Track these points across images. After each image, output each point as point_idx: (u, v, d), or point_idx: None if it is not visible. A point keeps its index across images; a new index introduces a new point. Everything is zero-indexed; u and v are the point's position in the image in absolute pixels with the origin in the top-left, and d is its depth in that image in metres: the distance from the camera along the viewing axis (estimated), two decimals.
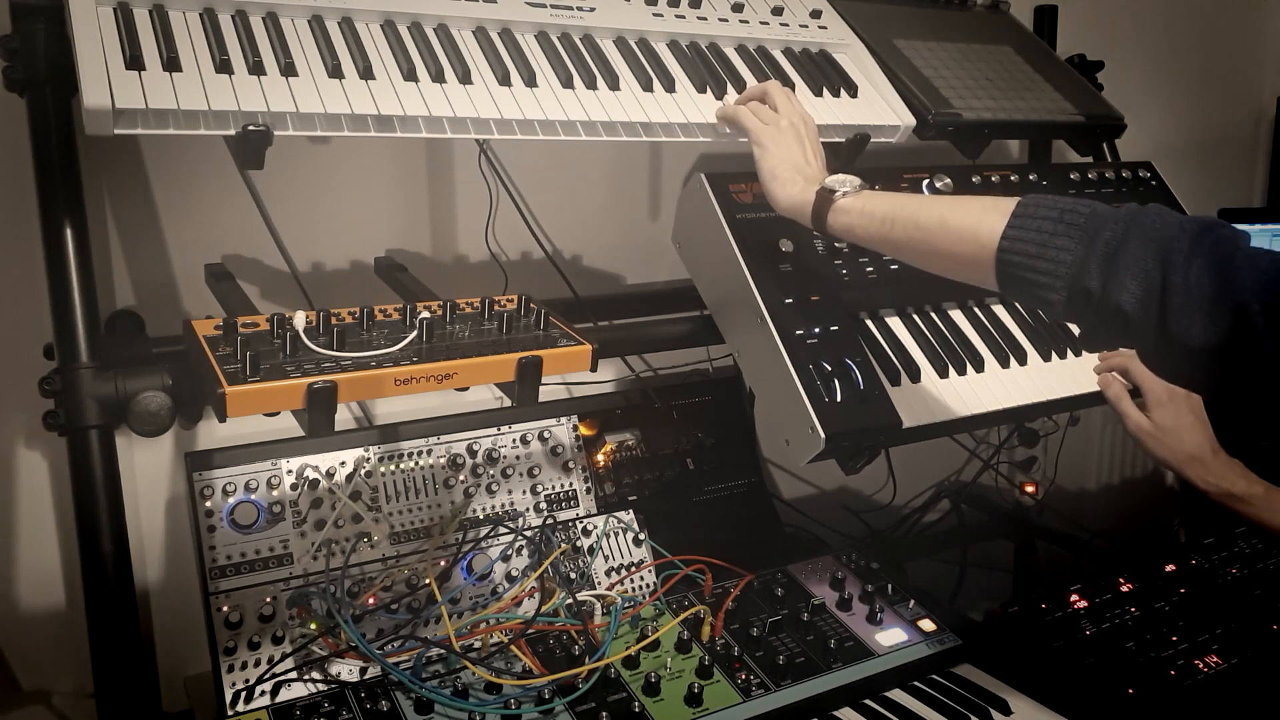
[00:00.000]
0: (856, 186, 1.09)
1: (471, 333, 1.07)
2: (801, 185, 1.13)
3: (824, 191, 1.10)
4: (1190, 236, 0.85)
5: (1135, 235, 0.87)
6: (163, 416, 1.03)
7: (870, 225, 1.07)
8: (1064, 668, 1.26)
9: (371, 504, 1.26)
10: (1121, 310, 0.86)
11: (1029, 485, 2.02)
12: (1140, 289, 0.86)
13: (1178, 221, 0.88)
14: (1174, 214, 0.89)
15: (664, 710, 1.11)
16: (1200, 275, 0.83)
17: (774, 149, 1.15)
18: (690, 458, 1.50)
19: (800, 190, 1.12)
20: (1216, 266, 0.83)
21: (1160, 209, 0.90)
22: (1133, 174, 1.63)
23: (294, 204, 1.39)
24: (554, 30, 1.22)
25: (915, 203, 1.05)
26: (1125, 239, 0.87)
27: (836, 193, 1.09)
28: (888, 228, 1.05)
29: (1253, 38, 2.48)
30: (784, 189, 1.14)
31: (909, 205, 1.04)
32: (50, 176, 1.06)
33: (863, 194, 1.08)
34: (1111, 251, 0.88)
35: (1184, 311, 0.83)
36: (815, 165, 1.16)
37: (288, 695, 1.10)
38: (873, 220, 1.06)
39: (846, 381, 1.15)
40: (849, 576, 1.38)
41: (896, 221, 1.04)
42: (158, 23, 0.99)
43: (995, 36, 1.63)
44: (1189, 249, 0.84)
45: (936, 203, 1.03)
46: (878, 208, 1.06)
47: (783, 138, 1.16)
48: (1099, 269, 0.88)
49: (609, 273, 1.66)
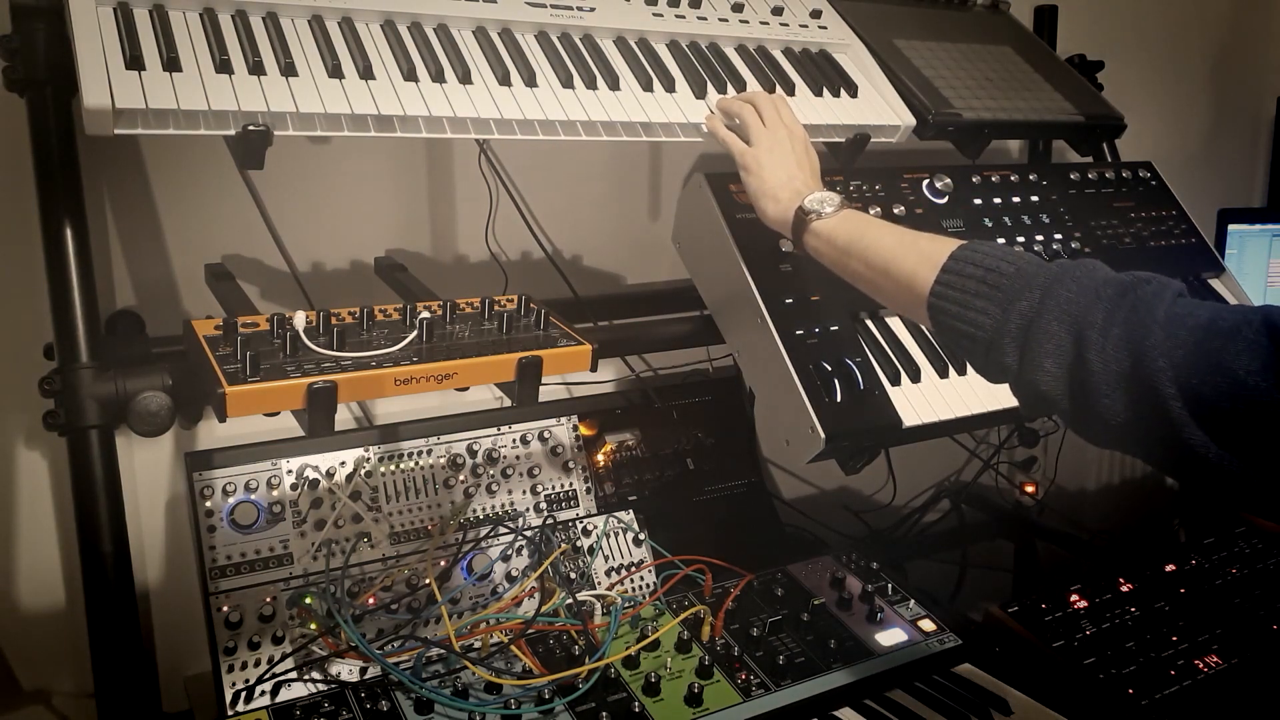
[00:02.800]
0: (836, 206, 1.08)
1: (471, 333, 1.07)
2: (786, 200, 1.11)
3: (800, 211, 1.09)
4: (1106, 306, 0.81)
5: (1050, 309, 0.84)
6: (163, 416, 1.03)
7: (832, 255, 1.07)
8: (1064, 668, 1.26)
9: (371, 504, 1.26)
10: (1038, 389, 0.84)
11: (1029, 485, 2.02)
12: (1056, 368, 0.83)
13: (1095, 287, 0.83)
14: (1095, 273, 0.85)
15: (664, 710, 1.11)
16: (1117, 350, 0.79)
17: (757, 170, 1.14)
18: (690, 458, 1.50)
19: (784, 206, 1.11)
20: (1131, 343, 0.78)
21: (1083, 267, 0.86)
22: (1133, 174, 1.63)
23: (294, 204, 1.39)
24: (554, 30, 1.22)
25: (871, 236, 1.03)
26: (1040, 312, 0.84)
27: (811, 214, 1.08)
28: (845, 260, 1.05)
29: (1253, 38, 2.48)
30: (771, 205, 1.13)
31: (865, 239, 1.03)
32: (50, 176, 1.06)
33: (836, 217, 1.07)
34: (1026, 325, 0.85)
35: (1103, 390, 0.79)
36: (802, 176, 1.14)
37: (288, 695, 1.10)
38: (834, 250, 1.06)
39: (846, 381, 1.15)
40: (849, 576, 1.38)
41: (851, 256, 1.04)
42: (158, 23, 0.99)
43: (995, 36, 1.63)
44: (1104, 321, 0.80)
45: (885, 241, 1.01)
46: (840, 238, 1.05)
47: (770, 157, 1.14)
48: (1014, 345, 0.86)
49: (609, 273, 1.66)
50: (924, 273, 0.95)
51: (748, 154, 1.16)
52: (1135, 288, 0.82)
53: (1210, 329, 0.75)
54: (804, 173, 1.14)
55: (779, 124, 1.17)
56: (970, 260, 0.92)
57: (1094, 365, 0.80)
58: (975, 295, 0.89)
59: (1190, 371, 0.74)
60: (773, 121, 1.17)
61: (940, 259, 0.94)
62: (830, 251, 1.07)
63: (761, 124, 1.17)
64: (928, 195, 1.42)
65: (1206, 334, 0.75)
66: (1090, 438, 0.85)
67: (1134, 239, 1.53)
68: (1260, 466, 0.74)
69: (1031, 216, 1.47)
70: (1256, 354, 0.72)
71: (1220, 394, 0.73)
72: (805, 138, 1.18)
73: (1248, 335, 0.73)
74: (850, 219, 1.07)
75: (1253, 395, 0.71)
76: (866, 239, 1.03)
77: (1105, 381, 0.79)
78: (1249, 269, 2.12)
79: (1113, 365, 0.79)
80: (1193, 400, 0.74)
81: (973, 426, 1.38)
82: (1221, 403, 0.73)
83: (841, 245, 1.05)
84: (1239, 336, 0.73)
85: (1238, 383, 0.72)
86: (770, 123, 1.17)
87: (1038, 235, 1.45)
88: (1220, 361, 0.73)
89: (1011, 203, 1.48)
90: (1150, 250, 1.54)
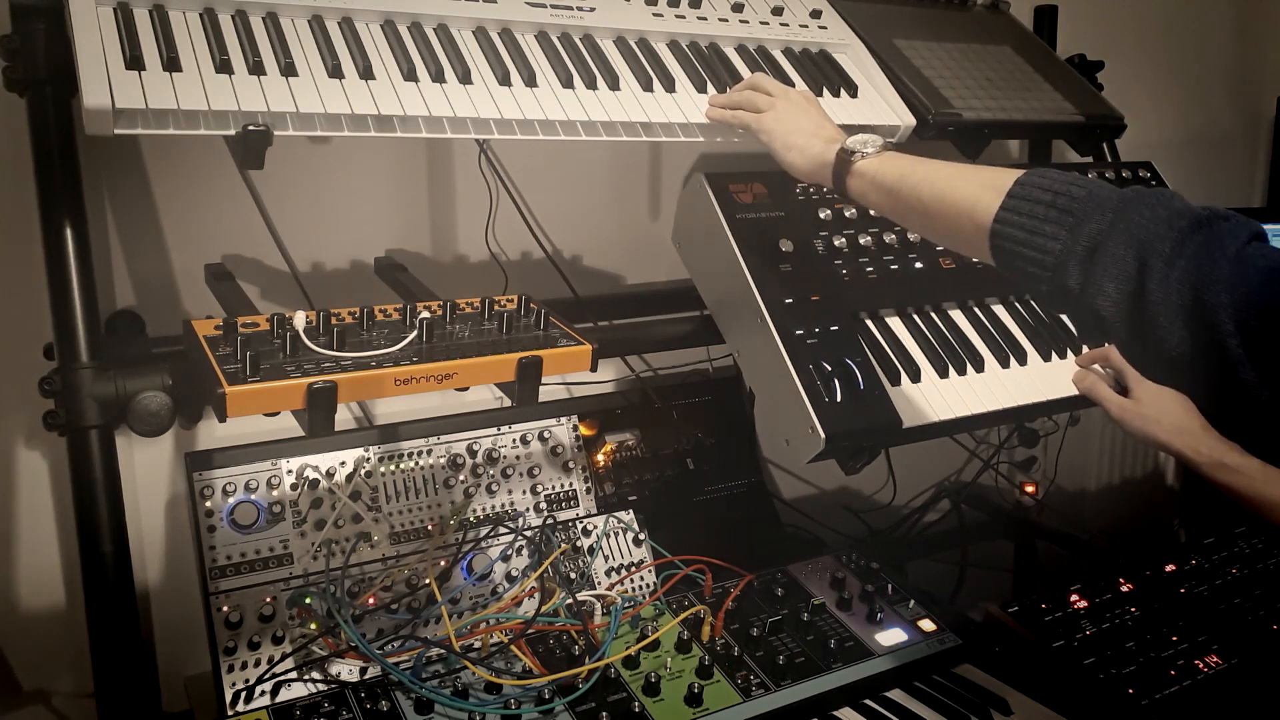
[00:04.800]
0: (878, 146, 1.05)
1: (471, 333, 1.07)
2: (821, 146, 1.09)
3: (843, 152, 1.06)
4: (1176, 237, 0.78)
5: (1119, 231, 0.81)
6: (163, 416, 1.03)
7: (878, 194, 1.03)
8: (1064, 668, 1.26)
9: (371, 504, 1.26)
10: (1098, 313, 0.82)
11: (1029, 485, 2.02)
12: (1117, 292, 0.80)
13: (1169, 217, 0.80)
14: (1172, 204, 0.82)
15: (664, 710, 1.11)
16: (1180, 284, 0.77)
17: (780, 126, 1.12)
18: (690, 458, 1.50)
19: (820, 150, 1.08)
20: (1197, 276, 0.76)
21: (1160, 197, 0.83)
22: (1133, 174, 1.63)
23: (294, 204, 1.39)
24: (554, 30, 1.22)
25: (923, 171, 1.00)
26: (1109, 234, 0.81)
27: (855, 154, 1.05)
28: (894, 198, 1.02)
29: (1253, 38, 2.48)
30: (802, 153, 1.10)
31: (916, 174, 1.00)
32: (50, 176, 1.06)
33: (880, 157, 1.04)
34: (1094, 247, 0.82)
35: (1160, 322, 0.77)
36: (830, 128, 1.12)
37: (288, 695, 1.10)
38: (881, 188, 1.03)
39: (846, 381, 1.15)
40: (849, 576, 1.38)
41: (902, 192, 1.00)
42: (158, 23, 0.99)
43: (995, 36, 1.63)
44: (1171, 252, 0.78)
45: (941, 173, 0.98)
46: (888, 175, 1.02)
47: (787, 114, 1.13)
48: (1078, 266, 0.83)
49: (609, 273, 1.66)
50: (987, 199, 0.91)
51: (764, 118, 1.14)
52: (1210, 223, 0.79)
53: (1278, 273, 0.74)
54: (829, 124, 1.13)
55: (785, 90, 1.17)
56: (1038, 185, 0.88)
57: (1154, 295, 0.77)
58: (1044, 220, 0.86)
59: (1251, 311, 0.73)
60: (779, 90, 1.17)
61: (1005, 185, 0.90)
62: (876, 192, 1.03)
63: (768, 93, 1.17)
64: None
65: (1273, 276, 0.74)
66: (1144, 368, 0.84)
67: None
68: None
69: None
70: None
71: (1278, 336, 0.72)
72: (816, 99, 1.18)
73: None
74: (896, 157, 1.04)
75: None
76: (919, 173, 1.00)
77: (1164, 313, 0.77)
78: None
79: (1174, 298, 0.77)
80: (1251, 339, 0.73)
81: (973, 426, 1.38)
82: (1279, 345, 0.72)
83: (891, 182, 1.02)
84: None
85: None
86: (777, 90, 1.17)
87: None
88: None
89: None
90: None
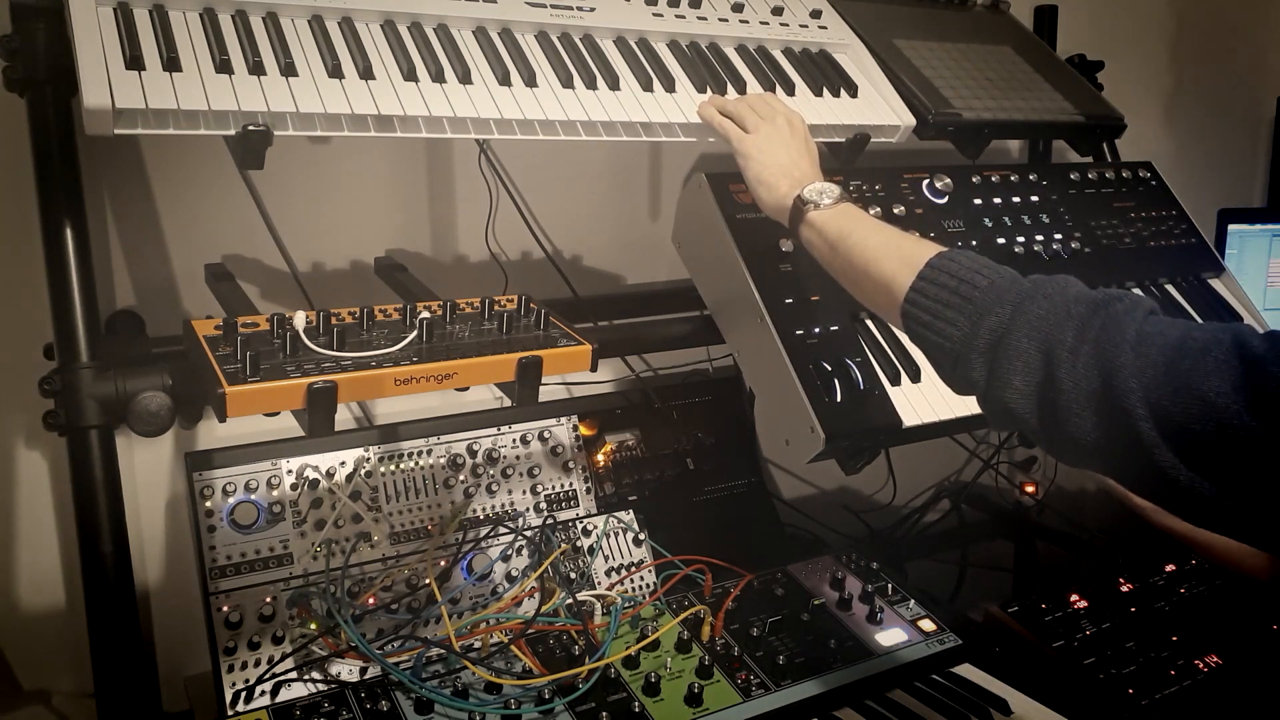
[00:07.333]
0: (834, 198, 1.05)
1: (471, 333, 1.07)
2: (786, 188, 1.09)
3: (799, 200, 1.07)
4: (1077, 325, 0.80)
5: (1020, 324, 0.82)
6: (163, 416, 1.03)
7: (822, 248, 1.05)
8: (1064, 668, 1.26)
9: (371, 504, 1.26)
10: (1006, 405, 0.83)
11: (1029, 485, 2.01)
12: (1025, 385, 0.81)
13: (1066, 304, 0.82)
14: (1067, 290, 0.84)
15: (664, 710, 1.11)
16: (1087, 370, 0.77)
17: (758, 154, 1.12)
18: (690, 458, 1.50)
19: (785, 193, 1.09)
20: (1102, 362, 0.77)
21: (1055, 285, 0.84)
22: (1133, 174, 1.63)
23: (294, 204, 1.39)
24: (554, 30, 1.22)
25: (860, 234, 1.01)
26: (1010, 328, 0.83)
27: (809, 204, 1.06)
28: (833, 255, 1.03)
29: (1253, 38, 2.48)
30: (770, 191, 1.11)
31: (853, 236, 1.01)
32: (50, 176, 1.06)
33: (832, 210, 1.05)
34: (995, 341, 0.84)
35: (1074, 409, 0.78)
36: (804, 166, 1.12)
37: (288, 695, 1.10)
38: (825, 243, 1.04)
39: (846, 381, 1.15)
40: (849, 576, 1.38)
41: (839, 252, 1.02)
42: (158, 23, 0.99)
43: (995, 36, 1.63)
44: (1075, 339, 0.79)
45: (872, 240, 0.99)
46: (831, 231, 1.03)
47: (767, 143, 1.13)
48: (982, 360, 0.84)
49: (609, 273, 1.66)
50: (902, 277, 0.93)
51: (746, 140, 1.14)
52: (1107, 305, 0.80)
53: (1180, 349, 0.74)
54: (805, 162, 1.12)
55: (776, 114, 1.16)
56: (946, 269, 0.90)
57: (1064, 384, 0.78)
58: (947, 305, 0.88)
59: (1160, 392, 0.73)
60: (770, 112, 1.16)
61: (919, 264, 0.92)
62: (821, 245, 1.04)
63: (759, 115, 1.15)
64: (928, 195, 1.42)
65: (1177, 354, 0.74)
66: (1060, 457, 0.84)
67: (1134, 239, 1.53)
68: (1231, 490, 0.72)
69: (1031, 216, 1.47)
70: (1226, 375, 0.70)
71: (1190, 415, 0.71)
72: (805, 129, 1.16)
73: (1217, 355, 0.72)
74: (845, 213, 1.04)
75: (1222, 417, 0.70)
76: (854, 236, 1.01)
77: (1075, 400, 0.78)
78: (1249, 269, 2.12)
79: (1083, 384, 0.77)
80: (1163, 421, 0.73)
81: (973, 426, 1.38)
82: (1191, 424, 0.71)
83: (832, 239, 1.03)
84: (1208, 357, 0.72)
85: (1207, 404, 0.70)
86: (768, 113, 1.15)
87: (1038, 235, 1.45)
88: (1190, 382, 0.72)
89: (1011, 203, 1.48)
90: (1150, 250, 1.54)
